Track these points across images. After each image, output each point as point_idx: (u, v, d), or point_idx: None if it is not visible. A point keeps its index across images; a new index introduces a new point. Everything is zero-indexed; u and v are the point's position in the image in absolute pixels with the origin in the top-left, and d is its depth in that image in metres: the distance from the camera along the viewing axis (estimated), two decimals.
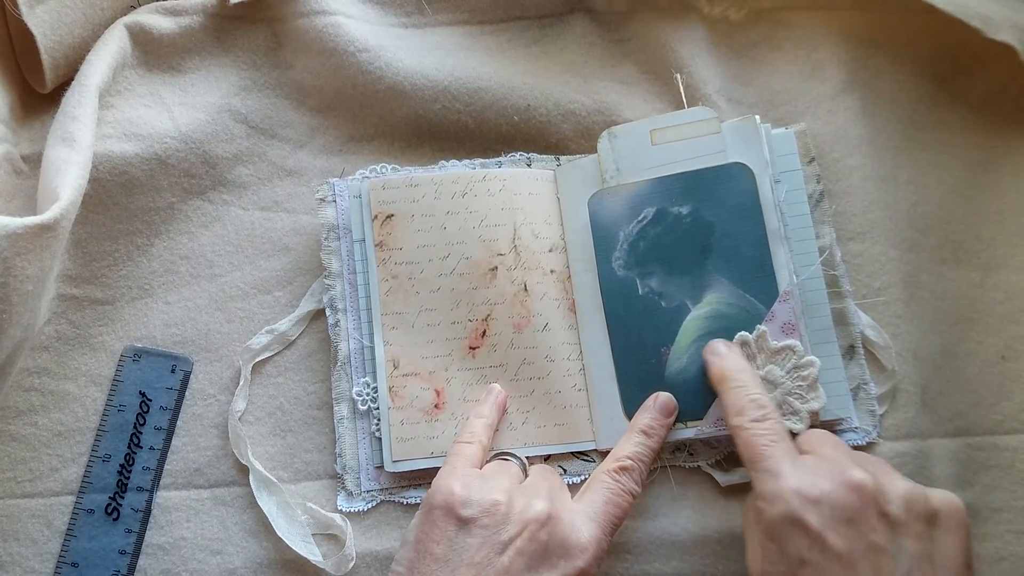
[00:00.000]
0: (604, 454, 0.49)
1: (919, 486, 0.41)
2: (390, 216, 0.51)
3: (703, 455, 0.49)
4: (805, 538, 0.39)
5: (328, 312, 0.50)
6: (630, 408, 0.48)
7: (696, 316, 0.49)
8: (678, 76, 0.54)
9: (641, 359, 0.49)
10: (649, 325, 0.49)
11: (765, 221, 0.49)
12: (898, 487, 0.40)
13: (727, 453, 0.49)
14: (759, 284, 0.48)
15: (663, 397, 0.48)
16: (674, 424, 0.48)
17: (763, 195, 0.49)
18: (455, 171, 0.52)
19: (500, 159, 0.53)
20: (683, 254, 0.49)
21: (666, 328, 0.49)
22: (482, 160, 0.53)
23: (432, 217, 0.51)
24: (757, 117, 0.50)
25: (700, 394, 0.48)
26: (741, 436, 0.43)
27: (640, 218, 0.50)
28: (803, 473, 0.40)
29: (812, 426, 0.47)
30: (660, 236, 0.49)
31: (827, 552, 0.38)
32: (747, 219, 0.49)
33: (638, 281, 0.49)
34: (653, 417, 0.47)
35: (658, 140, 0.50)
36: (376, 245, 0.50)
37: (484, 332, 0.50)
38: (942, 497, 0.41)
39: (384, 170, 0.53)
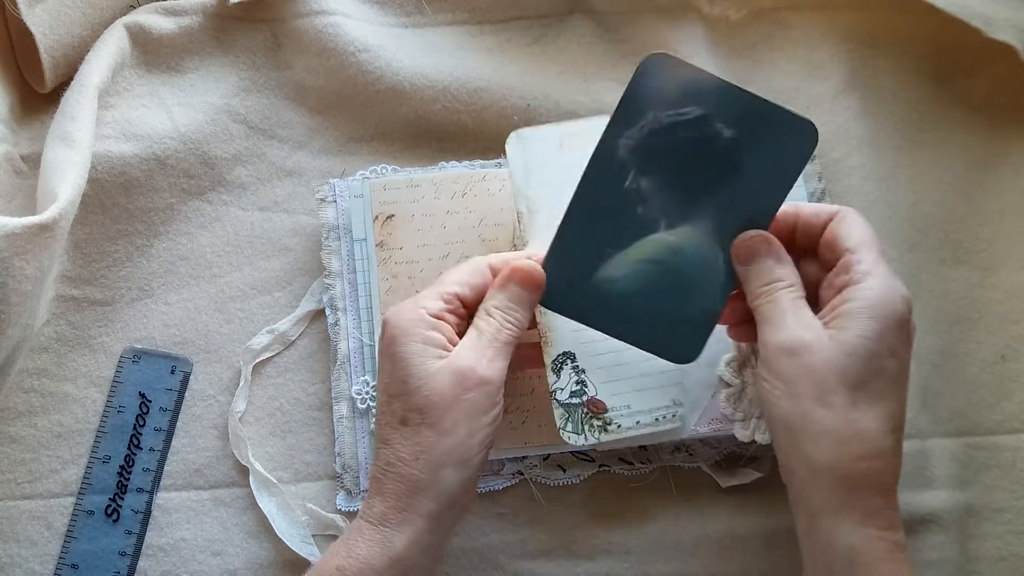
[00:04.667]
0: (603, 454, 0.49)
1: None
2: (391, 216, 0.51)
3: (702, 456, 0.49)
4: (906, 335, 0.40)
5: (328, 311, 0.50)
6: (548, 291, 0.43)
7: (659, 239, 0.43)
8: None
9: (583, 247, 0.44)
10: (612, 221, 0.43)
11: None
12: None
13: (727, 454, 0.49)
14: None
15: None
16: (587, 326, 0.44)
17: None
18: (455, 171, 0.52)
19: (500, 160, 0.53)
20: (692, 175, 0.43)
21: (625, 233, 0.44)
22: (482, 161, 0.53)
23: (432, 217, 0.51)
24: None
25: (621, 314, 0.44)
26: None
27: (680, 111, 0.42)
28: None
29: None
30: (684, 143, 0.43)
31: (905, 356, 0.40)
32: (776, 182, 0.43)
33: (632, 172, 0.43)
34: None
35: (568, 146, 0.47)
36: (377, 245, 0.50)
37: None
38: None
39: (384, 171, 0.53)
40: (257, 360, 0.50)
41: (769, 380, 0.39)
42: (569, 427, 0.45)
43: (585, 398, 0.45)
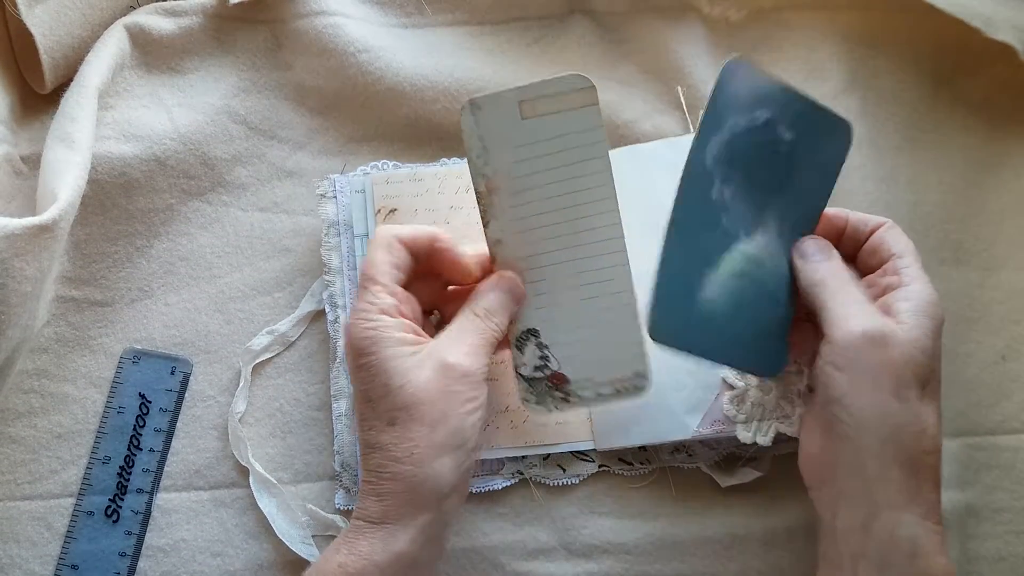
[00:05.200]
0: (603, 454, 0.49)
1: None
2: (393, 210, 0.50)
3: (702, 456, 0.49)
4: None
5: (328, 309, 0.50)
6: (660, 323, 0.41)
7: (743, 251, 0.43)
8: (680, 88, 0.54)
9: (686, 270, 0.42)
10: (706, 236, 0.42)
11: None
12: None
13: (726, 454, 0.49)
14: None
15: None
16: (690, 354, 0.42)
17: None
18: (458, 167, 0.52)
19: None
20: (761, 180, 0.43)
21: (716, 248, 0.42)
22: None
23: (435, 211, 0.51)
24: None
25: (720, 335, 0.43)
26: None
27: (753, 116, 0.42)
28: None
29: None
30: (756, 147, 0.42)
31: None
32: (822, 182, 0.44)
33: (717, 182, 0.42)
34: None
35: (528, 113, 0.43)
36: None
37: None
38: None
39: (385, 166, 0.53)
40: (257, 361, 0.50)
41: (848, 371, 0.40)
42: (533, 399, 0.46)
43: (548, 372, 0.45)
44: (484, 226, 0.44)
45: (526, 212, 0.44)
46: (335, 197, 0.52)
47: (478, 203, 0.44)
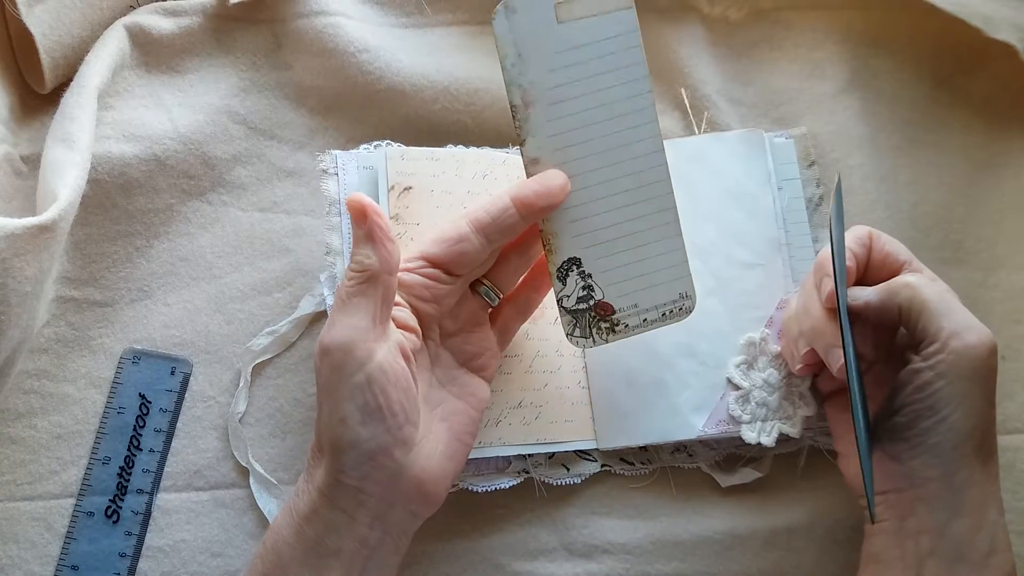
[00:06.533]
0: (605, 454, 0.49)
1: None
2: (408, 188, 0.48)
3: (702, 456, 0.49)
4: None
5: (327, 293, 0.49)
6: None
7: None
8: (683, 90, 0.54)
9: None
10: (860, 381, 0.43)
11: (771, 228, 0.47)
12: None
13: (727, 454, 0.49)
14: None
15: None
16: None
17: (765, 205, 0.48)
18: (476, 151, 0.50)
19: (506, 151, 0.53)
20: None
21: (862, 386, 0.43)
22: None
23: (452, 195, 0.49)
24: (763, 132, 0.50)
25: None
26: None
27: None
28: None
29: (807, 429, 0.47)
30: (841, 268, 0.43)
31: None
32: (837, 247, 0.44)
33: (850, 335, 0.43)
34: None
35: (564, 16, 0.41)
36: (392, 217, 0.48)
37: None
38: None
39: (389, 145, 0.51)
40: (257, 361, 0.50)
41: (966, 383, 0.40)
42: (577, 332, 0.44)
43: (592, 302, 0.44)
44: (520, 144, 0.42)
45: (563, 126, 0.42)
46: (336, 174, 0.50)
47: (513, 119, 0.42)
